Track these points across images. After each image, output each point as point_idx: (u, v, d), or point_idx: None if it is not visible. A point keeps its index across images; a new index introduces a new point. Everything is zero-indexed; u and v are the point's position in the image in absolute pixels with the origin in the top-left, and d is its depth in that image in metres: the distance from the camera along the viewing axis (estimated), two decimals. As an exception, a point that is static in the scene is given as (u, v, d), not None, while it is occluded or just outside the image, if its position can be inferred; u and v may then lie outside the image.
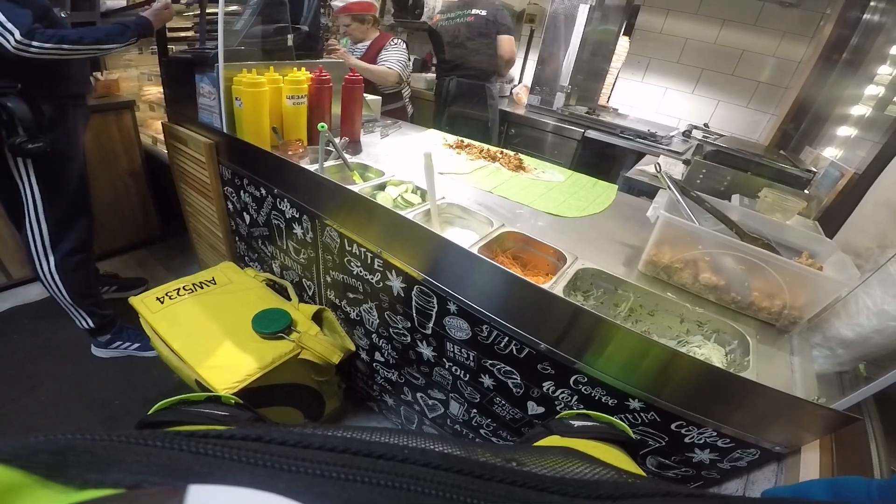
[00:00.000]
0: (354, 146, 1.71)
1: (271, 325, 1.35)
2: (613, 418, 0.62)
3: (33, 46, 1.29)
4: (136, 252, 2.67)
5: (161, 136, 2.09)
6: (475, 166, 1.69)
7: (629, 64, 3.05)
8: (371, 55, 2.53)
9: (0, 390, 1.72)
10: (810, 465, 0.78)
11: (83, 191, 1.68)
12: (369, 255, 1.23)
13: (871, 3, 2.11)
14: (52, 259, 1.66)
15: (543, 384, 1.03)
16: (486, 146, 1.92)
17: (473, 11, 2.57)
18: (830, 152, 2.01)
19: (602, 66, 3.07)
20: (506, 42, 2.55)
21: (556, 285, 0.99)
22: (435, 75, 2.98)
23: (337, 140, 1.46)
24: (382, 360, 1.46)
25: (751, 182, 1.69)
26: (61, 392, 1.75)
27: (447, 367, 1.24)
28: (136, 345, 1.93)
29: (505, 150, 1.89)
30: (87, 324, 1.83)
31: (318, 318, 1.49)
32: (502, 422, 1.21)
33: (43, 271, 1.68)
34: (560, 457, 0.40)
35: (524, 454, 0.40)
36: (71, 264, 1.69)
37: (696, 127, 2.79)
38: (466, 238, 1.20)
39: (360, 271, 1.30)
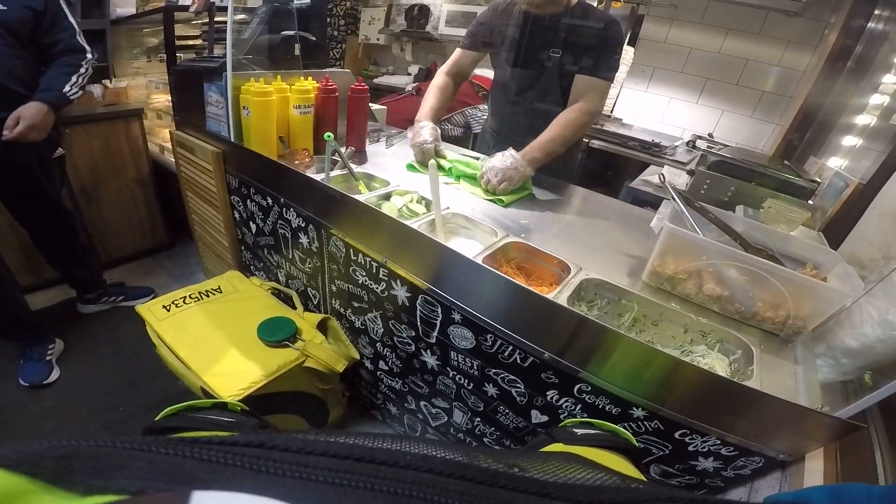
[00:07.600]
0: (360, 156, 1.72)
1: (276, 334, 1.36)
2: (617, 426, 0.62)
3: None
4: (142, 260, 2.69)
5: (168, 145, 2.11)
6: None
7: (633, 74, 3.05)
8: None
9: (6, 395, 1.73)
10: (814, 473, 0.77)
11: None
12: (374, 264, 1.23)
13: (876, 12, 2.10)
14: None
15: (547, 393, 1.03)
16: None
17: None
18: (835, 162, 2.00)
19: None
20: None
21: (560, 295, 0.99)
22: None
23: (343, 149, 1.47)
24: (386, 368, 1.46)
25: (755, 192, 1.68)
26: (66, 397, 1.76)
27: (451, 375, 1.24)
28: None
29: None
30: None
31: (322, 327, 1.49)
32: (506, 430, 1.21)
33: None
34: (562, 462, 0.40)
35: (526, 460, 0.40)
36: None
37: (700, 137, 2.79)
38: (471, 248, 1.21)
39: (365, 280, 1.30)
